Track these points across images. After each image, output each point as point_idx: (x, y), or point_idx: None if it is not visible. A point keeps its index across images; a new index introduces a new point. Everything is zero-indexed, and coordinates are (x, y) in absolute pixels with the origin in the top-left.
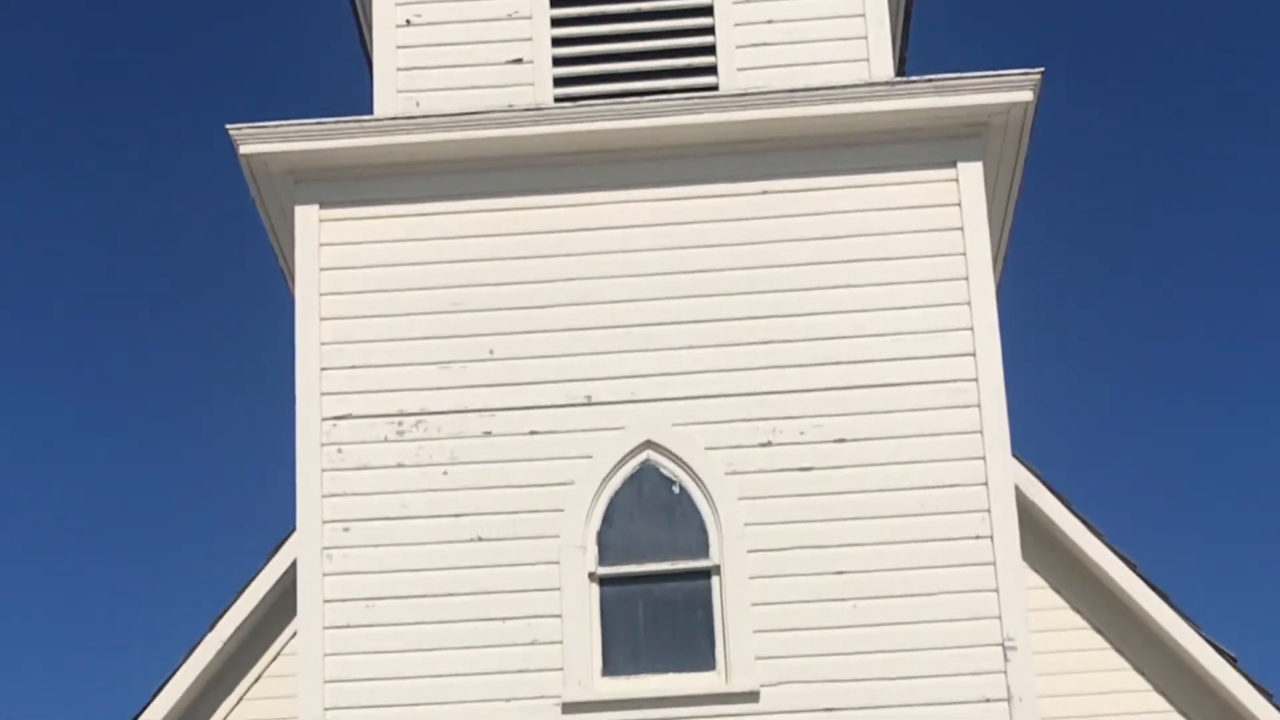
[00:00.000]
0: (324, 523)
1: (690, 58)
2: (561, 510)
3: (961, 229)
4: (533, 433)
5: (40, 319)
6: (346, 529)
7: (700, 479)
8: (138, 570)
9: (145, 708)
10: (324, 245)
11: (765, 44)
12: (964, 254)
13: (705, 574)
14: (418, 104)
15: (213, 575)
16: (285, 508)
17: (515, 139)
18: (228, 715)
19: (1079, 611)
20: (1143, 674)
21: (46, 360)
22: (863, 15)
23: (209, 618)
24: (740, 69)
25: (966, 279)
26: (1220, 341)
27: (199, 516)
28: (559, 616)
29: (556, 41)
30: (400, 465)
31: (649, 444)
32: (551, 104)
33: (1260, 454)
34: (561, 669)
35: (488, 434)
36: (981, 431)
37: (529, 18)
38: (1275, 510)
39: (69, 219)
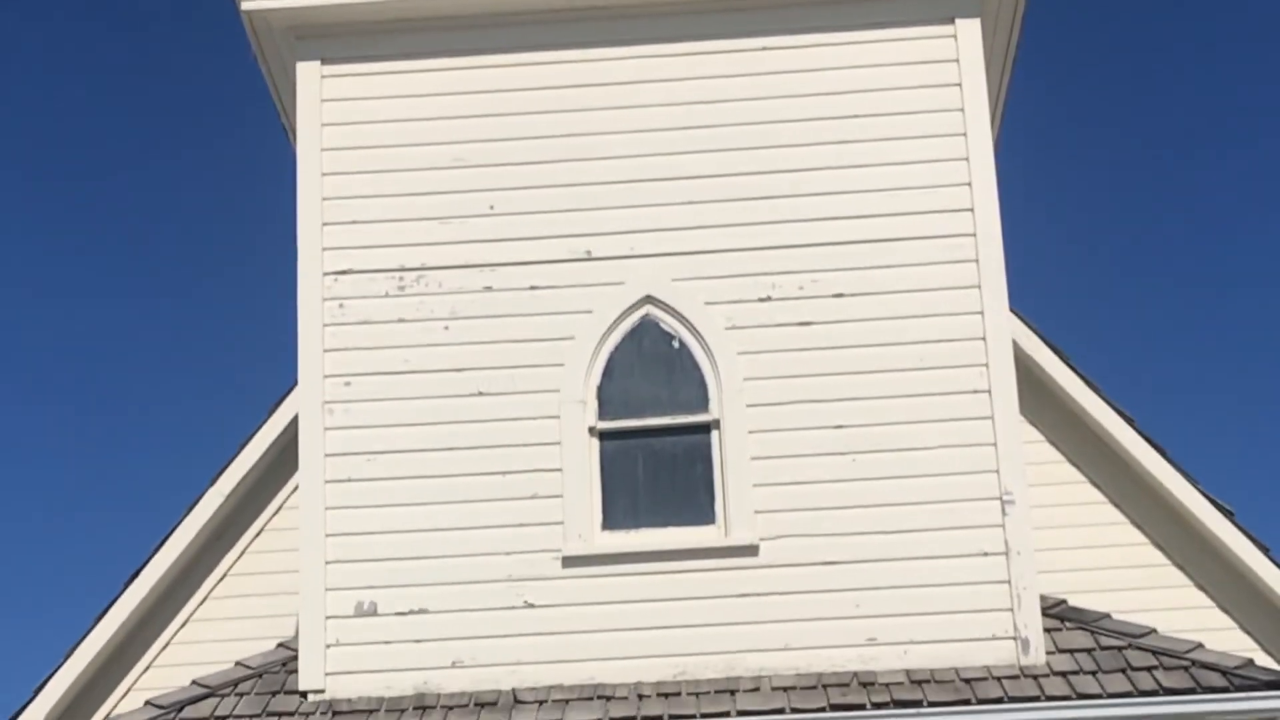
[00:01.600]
0: (325, 377)
1: None
2: (561, 365)
3: (959, 85)
4: (533, 288)
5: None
6: (347, 383)
7: (700, 334)
8: (140, 425)
9: (148, 561)
10: (325, 101)
11: None
12: (962, 110)
13: (705, 428)
14: None
15: (214, 430)
16: (287, 363)
17: None
18: (230, 568)
19: (1076, 466)
20: (1140, 528)
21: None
22: None
23: (211, 472)
24: None
25: (964, 135)
26: (1220, 197)
27: (200, 372)
28: (559, 471)
29: None
30: (401, 320)
31: (649, 299)
32: None
33: (1260, 312)
34: (562, 523)
35: (488, 289)
36: (979, 286)
37: None
38: (1274, 367)
39: (71, 75)
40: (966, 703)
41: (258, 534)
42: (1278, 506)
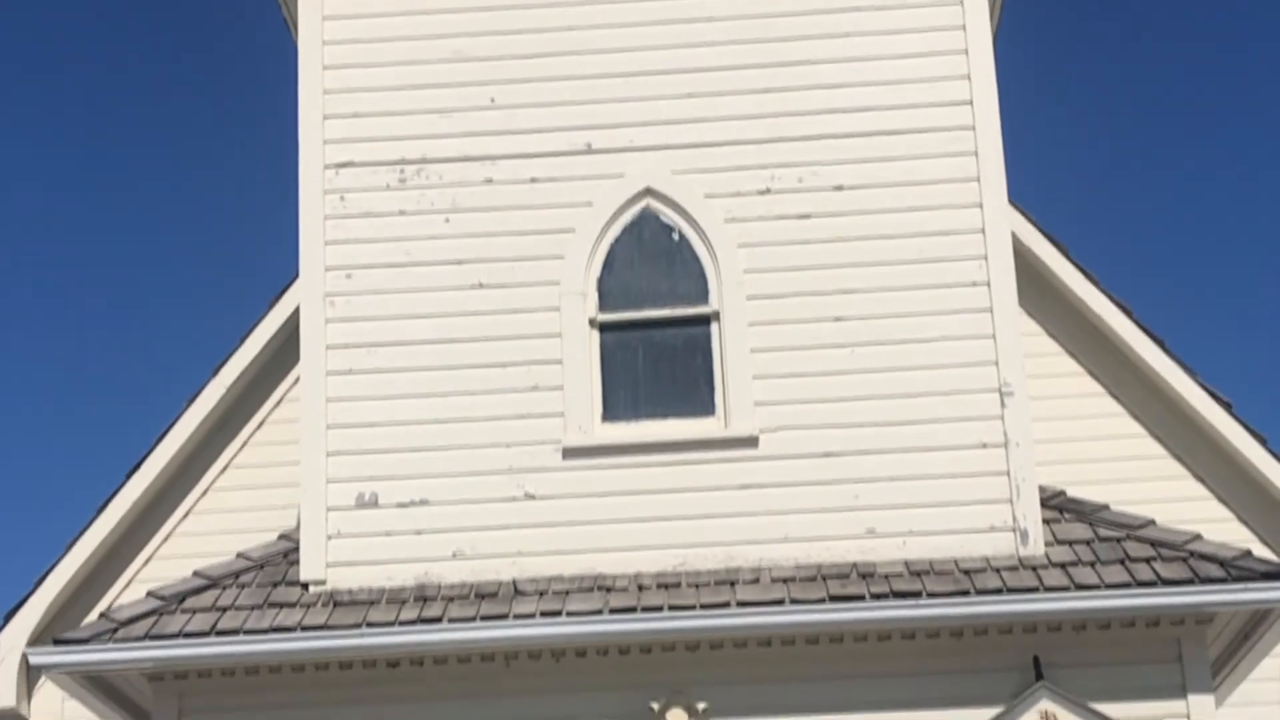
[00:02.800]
0: (326, 269)
1: None
2: (562, 257)
3: None
4: (533, 180)
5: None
6: (349, 276)
7: (699, 226)
8: (142, 317)
9: (149, 452)
10: None
11: None
12: (961, 3)
13: (704, 320)
14: None
15: (216, 322)
16: (288, 255)
17: None
18: (231, 460)
19: (1075, 357)
20: (1138, 419)
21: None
22: None
23: (212, 364)
24: None
25: (964, 28)
26: (1221, 89)
27: (202, 264)
28: (559, 363)
29: None
30: (402, 212)
31: (649, 191)
32: None
33: (1259, 205)
34: (562, 414)
35: (489, 181)
36: (978, 179)
37: None
38: (1272, 259)
39: None
40: (965, 594)
41: (259, 426)
42: (1276, 399)
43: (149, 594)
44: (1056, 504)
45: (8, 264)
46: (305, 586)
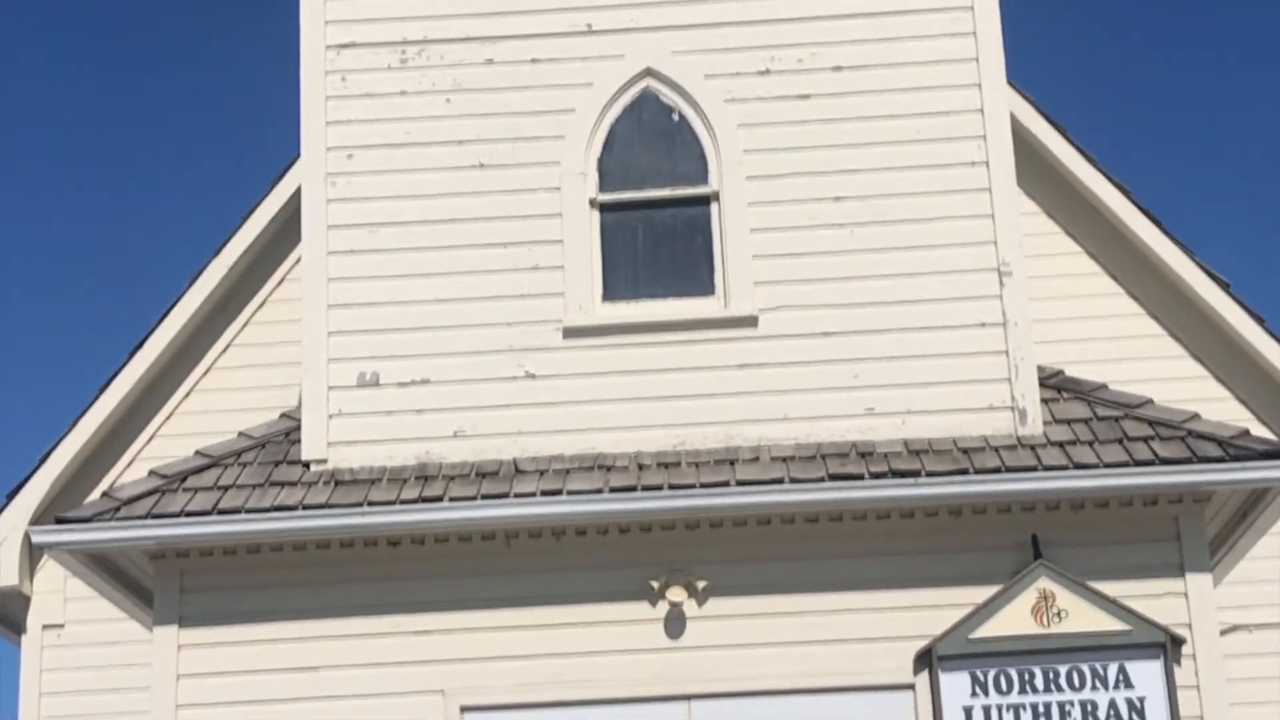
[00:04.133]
0: (328, 150)
1: None
2: (562, 138)
3: None
4: (534, 61)
5: None
6: (350, 156)
7: (699, 107)
8: (143, 197)
9: (152, 331)
10: None
11: None
12: None
13: (704, 200)
14: None
15: (218, 202)
16: (290, 136)
17: None
18: (233, 339)
19: (1073, 237)
20: (1136, 299)
21: None
22: None
23: (214, 244)
24: None
25: None
26: None
27: (204, 146)
28: (560, 243)
29: None
30: (403, 93)
31: (649, 72)
32: None
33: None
34: (562, 294)
35: (489, 62)
36: (977, 59)
37: None
38: (1271, 141)
39: None
40: (964, 472)
41: (261, 305)
42: (1274, 280)
43: (151, 473)
44: (1055, 383)
45: (12, 144)
46: (307, 465)
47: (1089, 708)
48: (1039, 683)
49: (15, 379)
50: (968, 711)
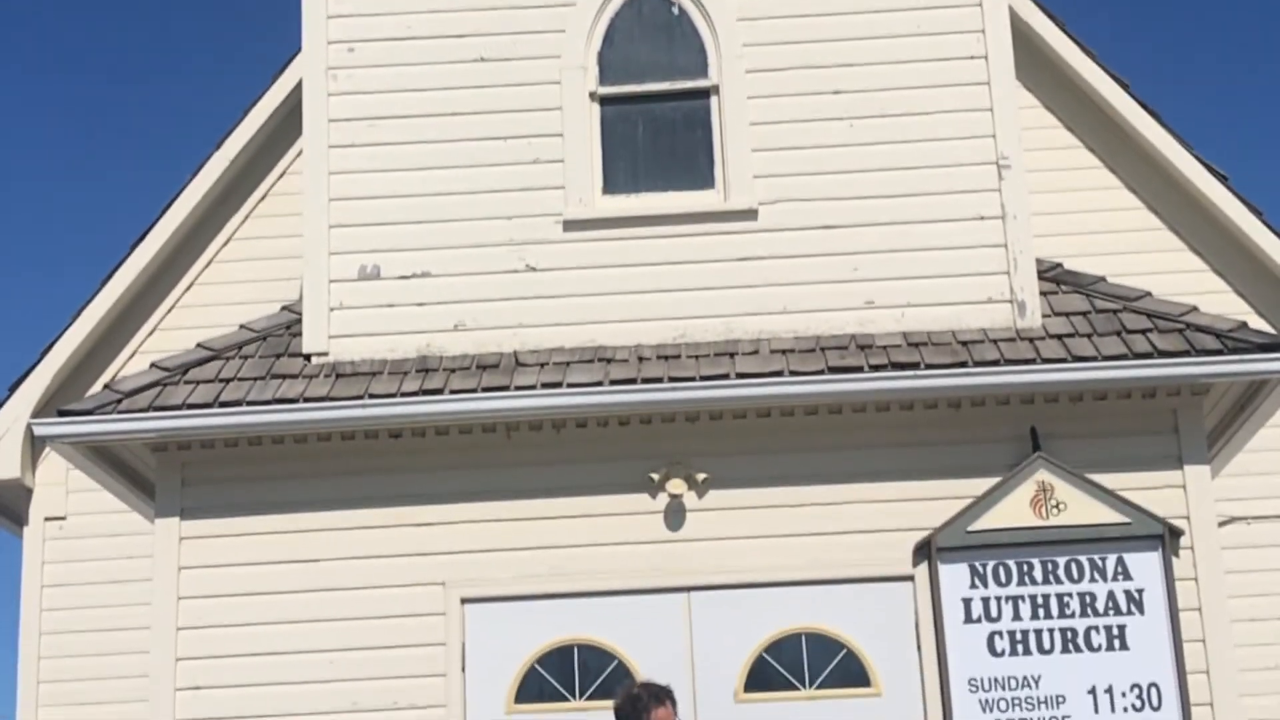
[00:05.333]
0: (329, 43)
1: None
2: (562, 31)
3: None
4: None
5: None
6: (351, 49)
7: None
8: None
9: (153, 224)
10: None
11: None
12: None
13: (704, 94)
14: None
15: (219, 95)
16: (291, 29)
17: None
18: (234, 232)
19: (1072, 130)
20: (1135, 192)
21: None
22: None
23: (215, 137)
24: None
25: None
26: None
27: (206, 39)
28: (560, 136)
29: None
30: None
31: None
32: None
33: None
34: (563, 187)
35: None
36: None
37: None
38: (1271, 37)
39: None
40: (963, 365)
41: (262, 198)
42: (1273, 173)
43: (153, 365)
44: (1053, 276)
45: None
46: (308, 358)
47: (1087, 599)
48: (1037, 574)
49: (18, 271)
50: (966, 603)
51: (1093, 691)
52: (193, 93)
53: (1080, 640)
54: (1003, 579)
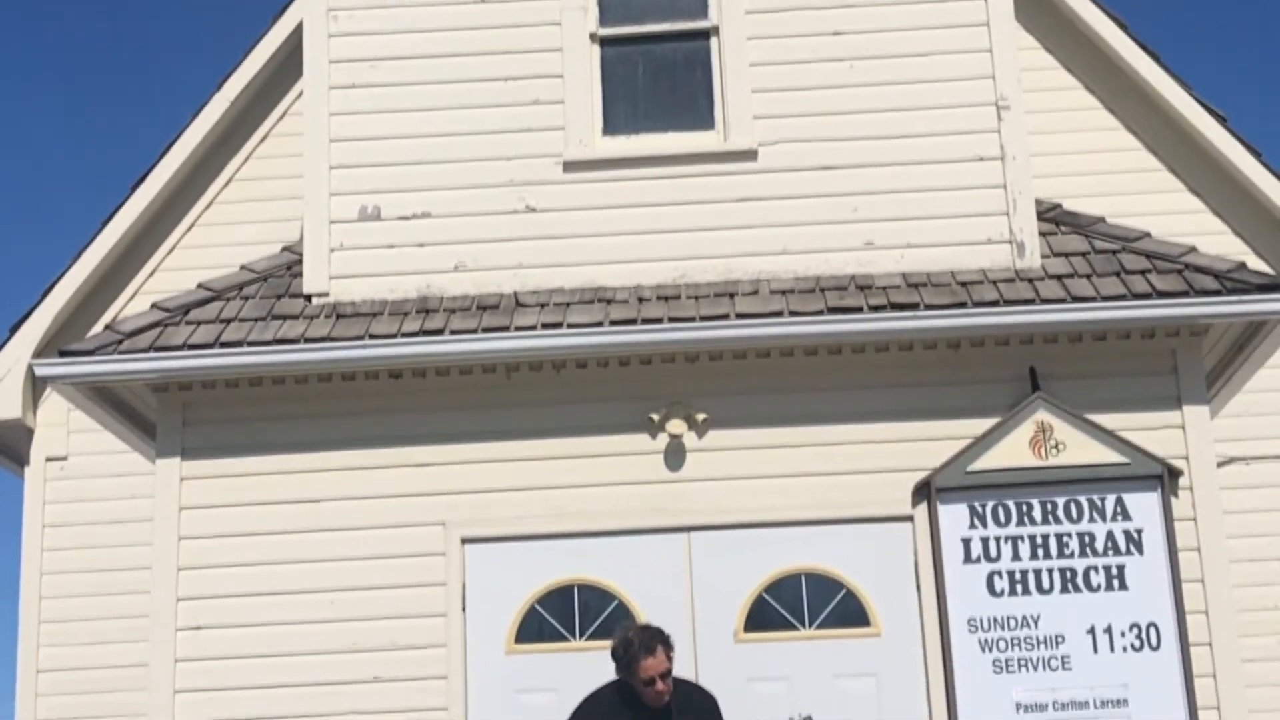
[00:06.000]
0: None
1: None
2: None
3: None
4: None
5: None
6: None
7: None
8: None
9: (154, 165)
10: None
11: None
12: None
13: (704, 35)
14: None
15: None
16: None
17: None
18: (235, 173)
19: (1071, 71)
20: (1134, 133)
21: None
22: None
23: (216, 78)
24: None
25: None
26: None
27: None
28: (560, 77)
29: None
30: None
31: None
32: None
33: None
34: (563, 128)
35: None
36: None
37: None
38: None
39: None
40: (962, 305)
41: (263, 139)
42: (1271, 114)
43: (153, 306)
44: (1053, 217)
45: None
46: (308, 299)
47: (1086, 539)
48: (1037, 514)
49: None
50: (966, 543)
51: (1092, 631)
52: (193, 34)
53: (1079, 580)
54: (1002, 519)
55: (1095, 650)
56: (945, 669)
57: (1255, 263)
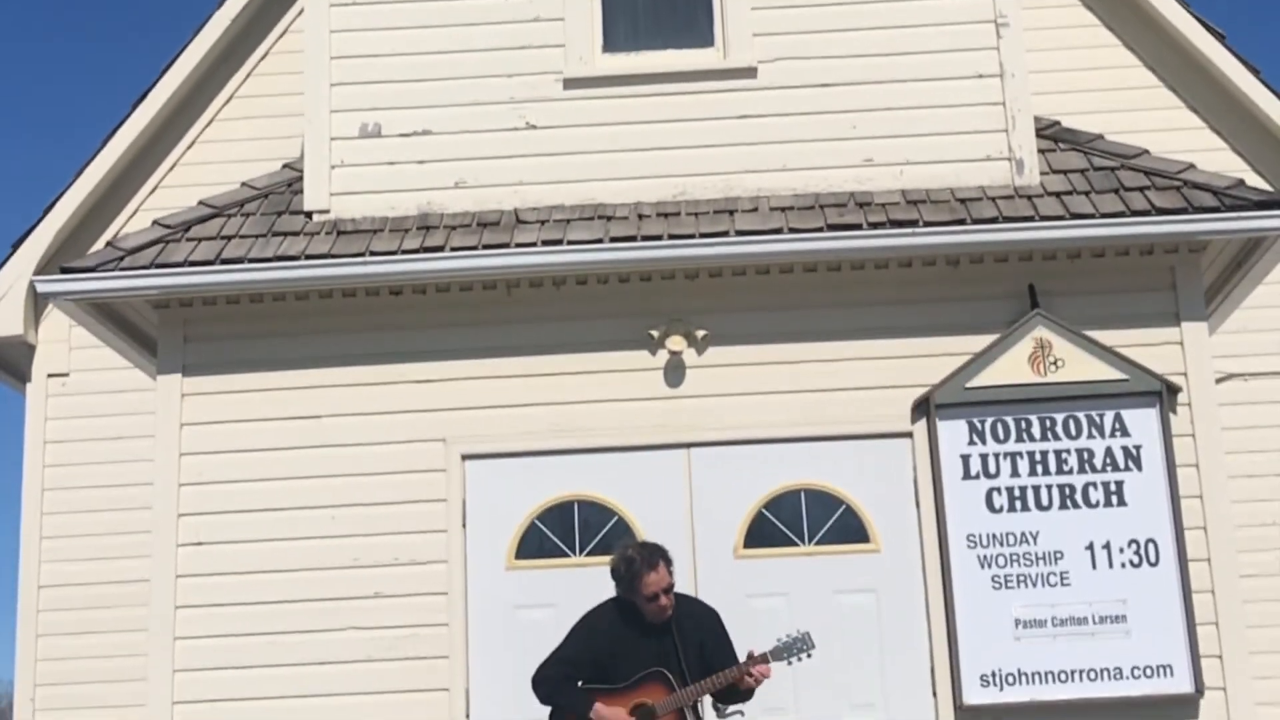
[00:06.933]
0: None
1: None
2: None
3: None
4: None
5: None
6: None
7: None
8: None
9: (155, 83)
10: None
11: None
12: None
13: None
14: None
15: None
16: None
17: None
18: (236, 90)
19: None
20: (1133, 50)
21: None
22: None
23: None
24: None
25: None
26: None
27: None
28: None
29: None
30: None
31: None
32: None
33: None
34: (563, 45)
35: None
36: None
37: None
38: None
39: None
40: (961, 222)
41: (263, 57)
42: (1270, 32)
43: (155, 223)
44: (1051, 134)
45: None
46: (309, 215)
47: (1085, 455)
48: (1036, 431)
49: (21, 130)
50: (965, 459)
51: (1090, 547)
52: None
53: (1078, 496)
54: (1001, 435)
55: (1094, 566)
56: (944, 585)
57: (1254, 180)
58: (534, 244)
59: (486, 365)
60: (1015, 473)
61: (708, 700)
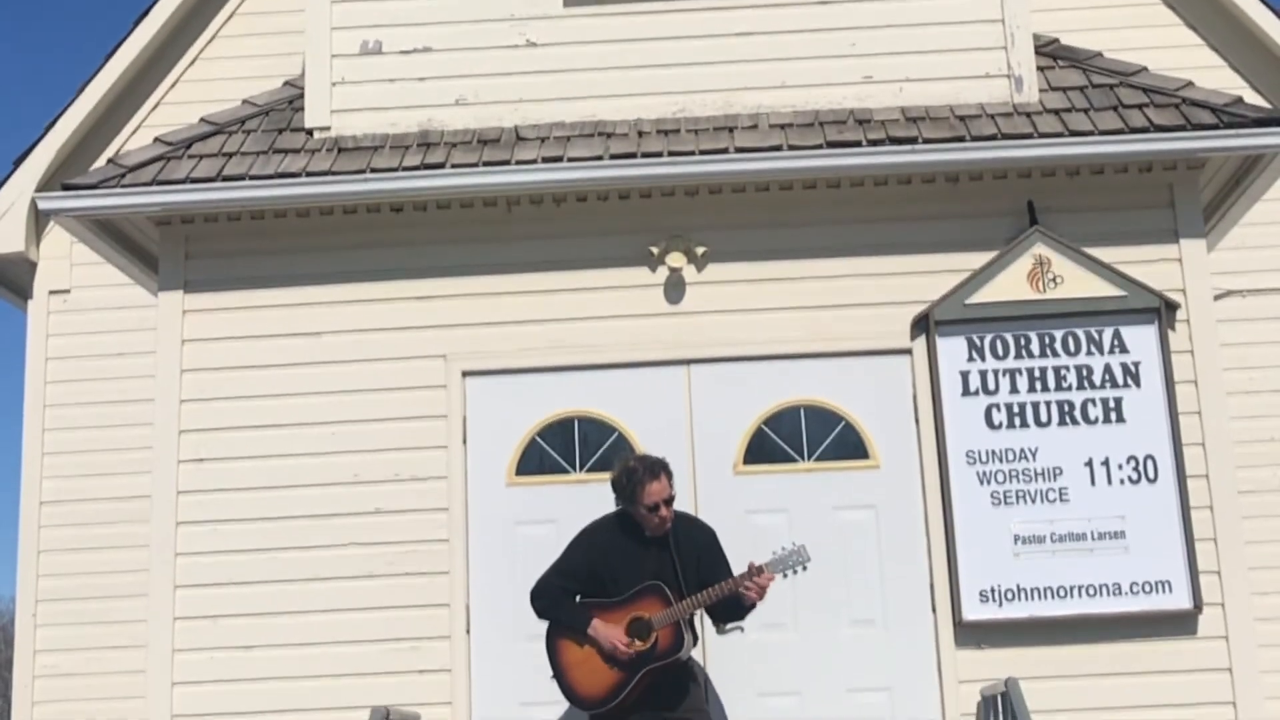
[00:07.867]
0: None
1: None
2: None
3: None
4: None
5: None
6: None
7: None
8: None
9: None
10: None
11: None
12: None
13: None
14: None
15: None
16: None
17: None
18: (237, 7)
19: None
20: None
21: None
22: None
23: None
24: None
25: None
26: None
27: None
28: None
29: None
30: None
31: None
32: None
33: None
34: None
35: None
36: None
37: None
38: None
39: None
40: (961, 139)
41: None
42: None
43: (156, 140)
44: (1050, 51)
45: None
46: (310, 133)
47: (1084, 372)
48: (1035, 347)
49: (22, 46)
50: (964, 375)
51: (1089, 464)
52: None
53: (1077, 413)
54: (1000, 352)
55: (1093, 483)
56: (944, 501)
57: (1252, 97)
58: (534, 161)
59: (487, 282)
60: (1014, 389)
61: (708, 621)
